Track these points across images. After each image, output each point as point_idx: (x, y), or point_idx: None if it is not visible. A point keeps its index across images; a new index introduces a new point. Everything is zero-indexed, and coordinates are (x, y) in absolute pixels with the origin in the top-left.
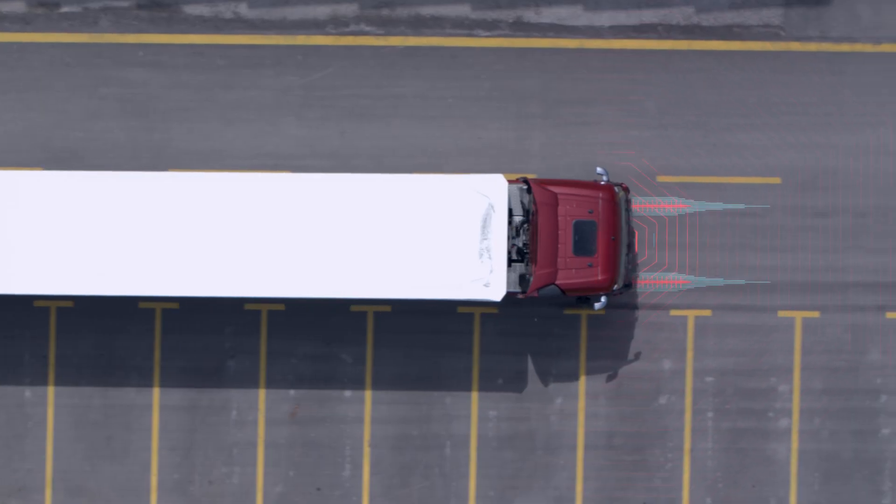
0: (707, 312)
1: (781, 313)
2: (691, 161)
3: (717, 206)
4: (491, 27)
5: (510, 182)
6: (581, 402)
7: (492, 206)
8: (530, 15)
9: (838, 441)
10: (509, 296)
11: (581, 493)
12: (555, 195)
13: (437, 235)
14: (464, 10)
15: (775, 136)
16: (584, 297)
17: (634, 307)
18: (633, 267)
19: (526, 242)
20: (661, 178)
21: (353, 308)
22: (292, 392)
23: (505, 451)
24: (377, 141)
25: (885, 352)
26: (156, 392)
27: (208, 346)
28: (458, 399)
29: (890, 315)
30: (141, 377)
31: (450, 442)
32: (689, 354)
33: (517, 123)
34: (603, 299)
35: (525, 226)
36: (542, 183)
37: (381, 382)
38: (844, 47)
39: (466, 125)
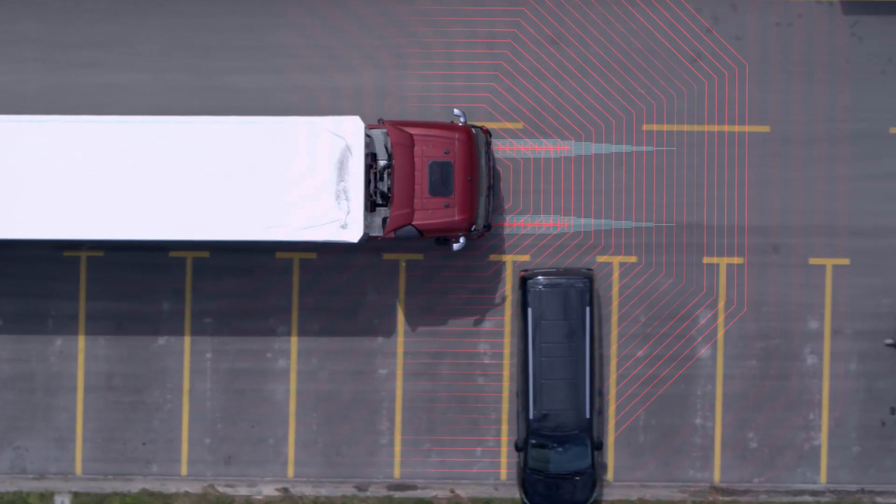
0: (205, 254)
1: (279, 255)
2: (189, 103)
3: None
4: None
5: (374, 127)
6: (81, 343)
7: (348, 148)
8: None
9: (337, 381)
10: (369, 239)
11: (81, 433)
12: (411, 136)
13: (294, 178)
14: None
15: (274, 79)
16: (442, 238)
17: (135, 250)
18: (493, 207)
19: (390, 186)
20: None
21: None
22: None
23: (6, 393)
24: None
25: (380, 292)
26: None
27: None
28: None
29: (386, 256)
30: None
31: None
32: (188, 295)
33: (16, 67)
34: (462, 240)
35: (389, 170)
36: (399, 124)
37: None
38: None
39: None
